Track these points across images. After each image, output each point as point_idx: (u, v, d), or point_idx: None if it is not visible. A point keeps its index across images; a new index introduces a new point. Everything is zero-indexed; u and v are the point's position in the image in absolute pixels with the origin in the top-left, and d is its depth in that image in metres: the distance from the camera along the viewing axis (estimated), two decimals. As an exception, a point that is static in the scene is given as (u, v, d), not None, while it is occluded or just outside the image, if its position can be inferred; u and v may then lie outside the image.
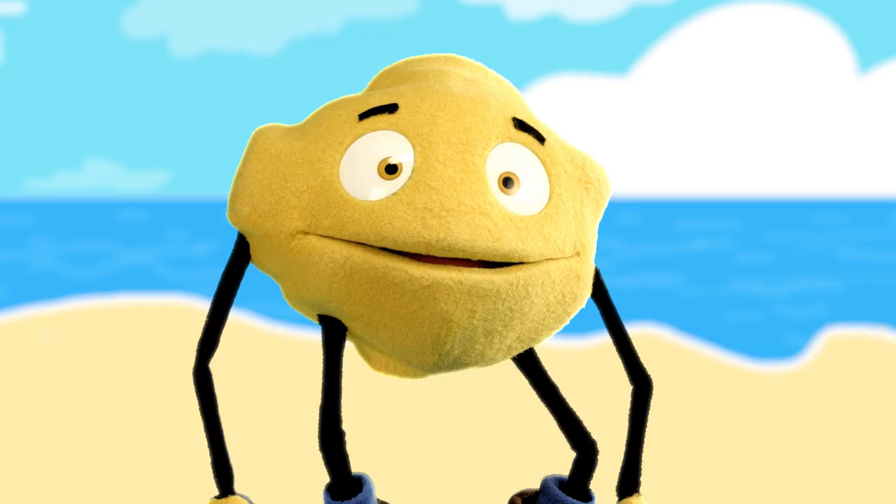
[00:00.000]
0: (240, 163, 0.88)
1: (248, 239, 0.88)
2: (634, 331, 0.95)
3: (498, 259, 0.82)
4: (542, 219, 0.84)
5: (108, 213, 17.03)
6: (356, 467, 0.87)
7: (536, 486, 0.92)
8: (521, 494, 0.92)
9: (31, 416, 4.52)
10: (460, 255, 0.81)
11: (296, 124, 0.89)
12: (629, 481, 0.92)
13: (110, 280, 10.31)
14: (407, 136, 0.84)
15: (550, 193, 0.86)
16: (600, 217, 0.91)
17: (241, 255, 0.89)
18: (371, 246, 0.82)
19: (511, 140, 0.85)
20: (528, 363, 0.90)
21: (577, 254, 0.87)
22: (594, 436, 0.91)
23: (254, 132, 0.89)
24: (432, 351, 0.84)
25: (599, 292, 0.92)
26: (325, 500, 0.85)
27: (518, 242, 0.82)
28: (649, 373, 0.91)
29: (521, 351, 0.89)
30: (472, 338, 0.84)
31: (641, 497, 0.92)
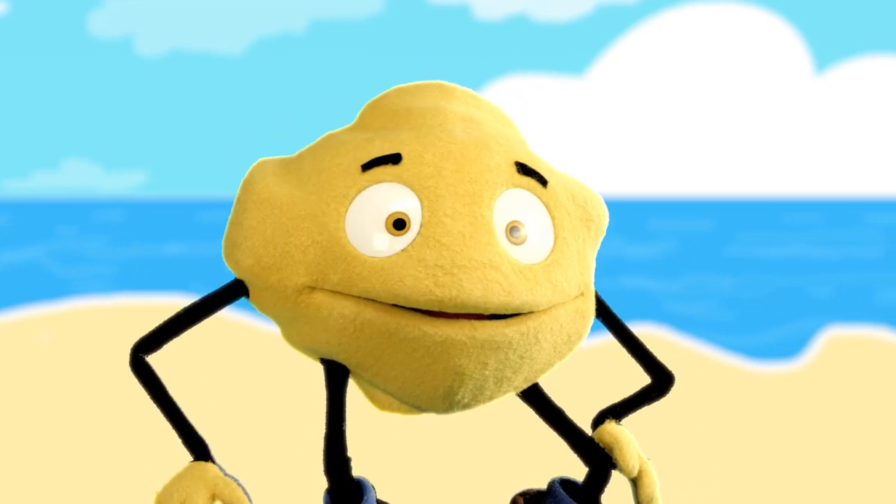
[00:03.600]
0: (235, 208, 0.87)
1: (249, 286, 0.87)
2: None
3: (510, 311, 0.82)
4: (549, 266, 0.84)
5: (86, 213, 17.02)
6: (359, 467, 0.87)
7: (538, 485, 0.92)
8: (523, 494, 0.92)
9: (32, 416, 4.52)
10: (473, 311, 0.80)
11: (291, 161, 0.88)
12: (616, 410, 0.92)
13: (93, 280, 10.31)
14: (413, 189, 0.83)
15: (555, 238, 0.85)
16: (598, 248, 0.92)
17: (234, 293, 0.88)
18: (381, 302, 0.81)
19: (515, 186, 0.85)
20: (533, 396, 0.91)
21: (582, 294, 0.87)
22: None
23: (248, 174, 0.88)
24: (443, 400, 0.84)
25: (603, 312, 0.92)
26: (325, 501, 0.85)
27: (528, 294, 0.82)
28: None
29: (525, 387, 0.89)
30: (483, 386, 0.84)
31: (613, 422, 0.92)
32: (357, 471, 0.87)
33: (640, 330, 0.94)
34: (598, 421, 0.92)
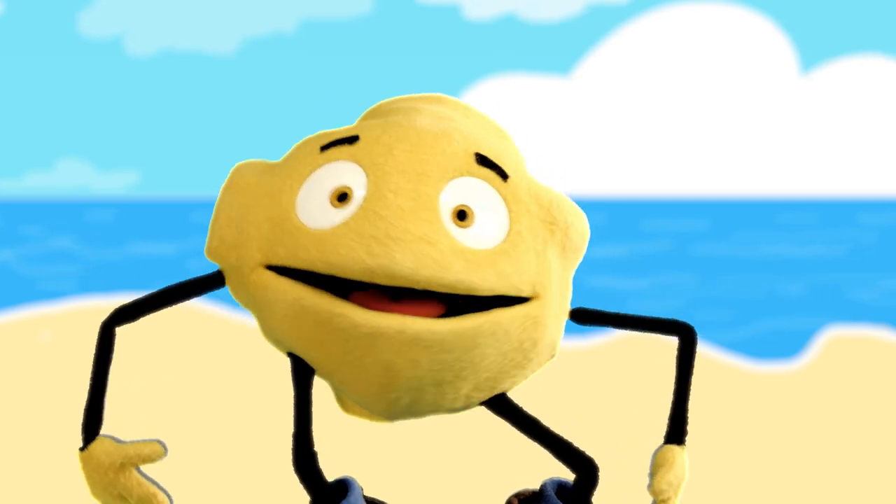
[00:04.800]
0: (217, 198, 0.89)
1: (224, 273, 0.89)
2: (630, 334, 0.94)
3: (443, 289, 0.81)
4: (496, 253, 0.83)
5: (79, 213, 17.01)
6: (356, 468, 0.87)
7: (532, 486, 0.92)
8: (517, 495, 0.92)
9: (32, 416, 4.52)
10: (403, 284, 0.80)
11: (275, 161, 0.90)
12: (674, 430, 0.92)
13: (84, 280, 10.31)
14: (362, 166, 0.83)
15: (509, 230, 0.84)
16: (573, 264, 0.90)
17: (214, 281, 0.89)
18: (321, 278, 0.82)
19: (471, 175, 0.84)
20: (501, 407, 0.89)
21: (536, 296, 0.85)
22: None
23: (231, 169, 0.90)
24: (380, 398, 0.84)
25: (590, 317, 0.91)
26: None
27: (465, 273, 0.81)
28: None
29: (484, 399, 0.88)
30: (420, 388, 0.83)
31: (683, 450, 0.91)
32: (352, 471, 0.87)
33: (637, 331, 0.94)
34: (673, 437, 0.92)
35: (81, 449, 0.88)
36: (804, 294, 9.73)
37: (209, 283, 0.89)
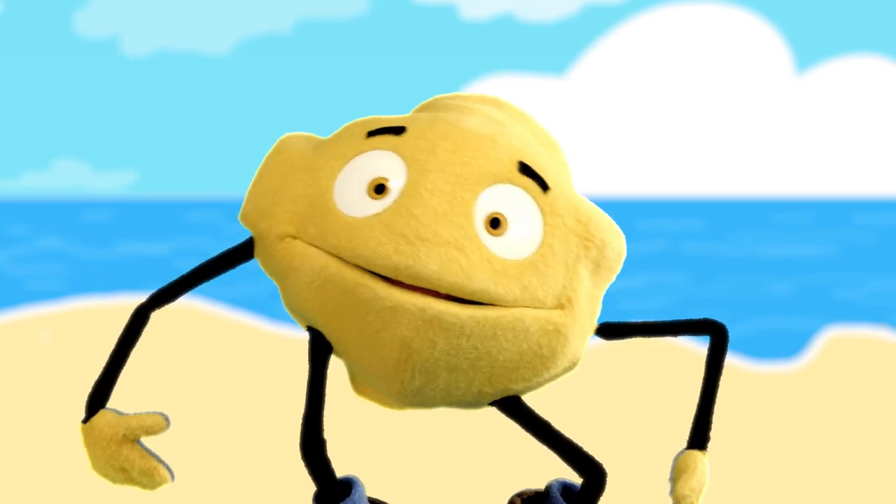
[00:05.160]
0: (261, 163, 0.89)
1: (254, 238, 0.88)
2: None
3: (465, 296, 0.81)
4: (525, 265, 0.83)
5: (75, 213, 17.01)
6: (358, 468, 0.87)
7: (536, 485, 0.91)
8: (520, 495, 0.92)
9: (32, 416, 4.52)
10: (427, 286, 0.80)
11: (324, 138, 0.90)
12: (697, 435, 0.91)
13: (80, 280, 10.30)
14: (404, 159, 0.83)
15: (541, 242, 0.84)
16: (605, 283, 0.89)
17: (245, 249, 0.89)
18: (346, 261, 0.82)
19: (511, 182, 0.84)
20: (514, 408, 0.88)
21: (561, 307, 0.85)
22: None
23: (279, 138, 0.90)
24: (394, 377, 0.83)
25: (616, 331, 0.91)
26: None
27: (490, 283, 0.81)
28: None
29: (496, 398, 0.87)
30: (434, 370, 0.83)
31: (704, 456, 0.90)
32: (355, 471, 0.86)
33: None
34: (696, 442, 0.91)
35: (84, 421, 0.87)
36: (801, 294, 9.73)
37: (240, 253, 0.88)
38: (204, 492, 3.51)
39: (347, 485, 0.85)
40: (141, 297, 0.90)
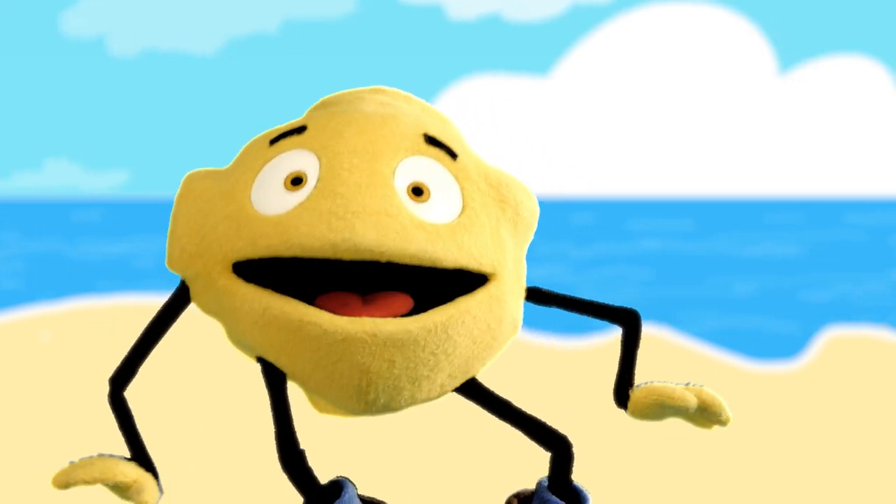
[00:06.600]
0: (172, 210, 0.88)
1: (187, 282, 0.87)
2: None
3: (407, 260, 0.80)
4: (455, 227, 0.83)
5: (67, 213, 17.00)
6: (356, 468, 0.87)
7: (532, 485, 0.92)
8: (517, 495, 0.92)
9: (32, 416, 4.52)
10: (367, 257, 0.79)
11: (225, 167, 0.89)
12: (624, 387, 0.91)
13: (75, 280, 10.31)
14: (313, 151, 0.83)
15: (463, 206, 0.84)
16: (525, 241, 0.90)
17: (180, 297, 0.88)
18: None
19: (422, 154, 0.84)
20: (472, 391, 0.88)
21: (493, 272, 0.85)
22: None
23: (182, 179, 0.89)
24: (357, 400, 0.83)
25: (542, 297, 0.90)
26: None
27: (428, 243, 0.81)
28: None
29: (457, 385, 0.87)
30: (397, 386, 0.83)
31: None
32: (353, 473, 0.87)
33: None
34: (622, 397, 0.90)
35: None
36: (799, 294, 9.73)
37: (177, 305, 0.88)
38: (204, 492, 3.51)
39: (337, 488, 0.85)
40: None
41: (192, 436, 3.93)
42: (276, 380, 0.85)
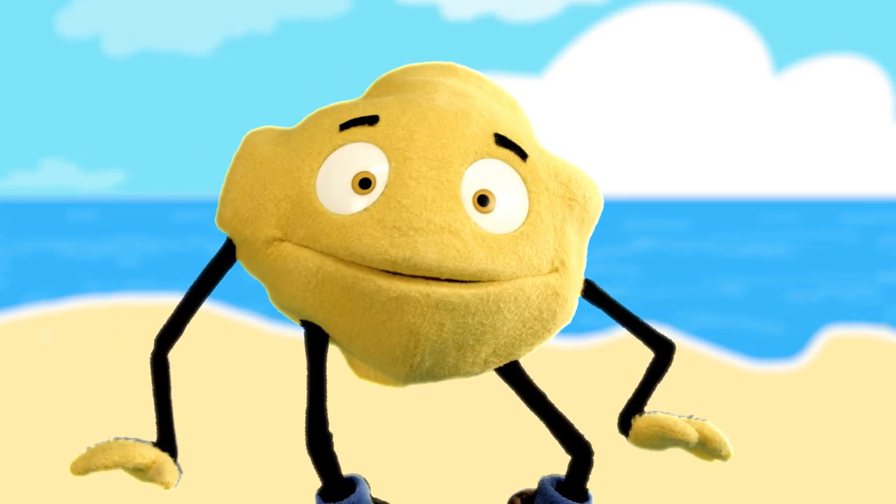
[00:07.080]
0: (229, 166, 0.89)
1: (235, 244, 0.88)
2: (623, 333, 0.94)
3: (466, 279, 0.81)
4: (517, 237, 0.84)
5: (63, 213, 16.99)
6: (357, 468, 0.87)
7: (535, 486, 0.92)
8: (520, 495, 0.92)
9: (32, 416, 4.52)
10: (427, 274, 0.81)
11: (288, 128, 0.90)
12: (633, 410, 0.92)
13: (72, 280, 10.30)
14: (383, 150, 0.84)
15: (529, 211, 0.85)
16: (588, 235, 0.91)
17: (226, 255, 0.89)
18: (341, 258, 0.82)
19: (491, 156, 0.85)
20: (513, 375, 0.90)
21: (556, 270, 0.86)
22: (593, 434, 0.91)
23: (245, 136, 0.89)
24: (403, 362, 0.84)
25: (596, 296, 0.92)
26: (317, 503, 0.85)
27: (488, 262, 0.82)
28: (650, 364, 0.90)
29: (500, 364, 0.88)
30: (443, 350, 0.84)
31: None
32: (356, 471, 0.87)
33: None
34: (626, 424, 0.92)
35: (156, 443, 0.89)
36: (795, 293, 9.72)
37: (222, 264, 0.89)
38: (204, 492, 3.51)
39: (351, 483, 0.85)
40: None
41: (200, 431, 3.93)
42: (317, 346, 0.85)
